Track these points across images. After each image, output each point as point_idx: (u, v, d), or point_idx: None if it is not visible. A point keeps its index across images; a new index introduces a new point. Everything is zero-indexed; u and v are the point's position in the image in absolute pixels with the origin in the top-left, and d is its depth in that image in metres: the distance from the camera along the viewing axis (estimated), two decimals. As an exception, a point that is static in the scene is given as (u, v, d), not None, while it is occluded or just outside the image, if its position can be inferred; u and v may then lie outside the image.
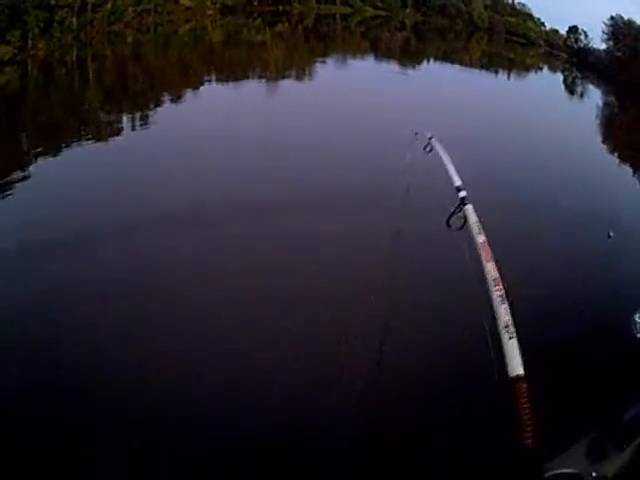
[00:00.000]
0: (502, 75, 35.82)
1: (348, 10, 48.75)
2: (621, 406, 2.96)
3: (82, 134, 10.75)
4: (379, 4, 53.58)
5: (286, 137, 11.39)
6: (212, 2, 28.98)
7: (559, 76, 41.98)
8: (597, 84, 38.13)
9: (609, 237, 8.06)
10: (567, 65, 47.08)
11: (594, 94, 34.21)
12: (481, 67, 36.70)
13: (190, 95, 15.15)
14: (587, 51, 47.57)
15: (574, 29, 50.09)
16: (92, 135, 10.71)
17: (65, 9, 19.05)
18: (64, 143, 10.10)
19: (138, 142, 10.85)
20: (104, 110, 13.15)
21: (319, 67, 23.32)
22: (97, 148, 10.00)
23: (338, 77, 22.18)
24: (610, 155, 17.91)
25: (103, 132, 11.01)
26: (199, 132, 11.03)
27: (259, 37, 28.28)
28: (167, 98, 14.60)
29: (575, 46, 49.54)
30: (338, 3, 48.94)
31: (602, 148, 18.53)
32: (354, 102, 15.98)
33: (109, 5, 21.74)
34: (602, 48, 44.39)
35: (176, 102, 14.03)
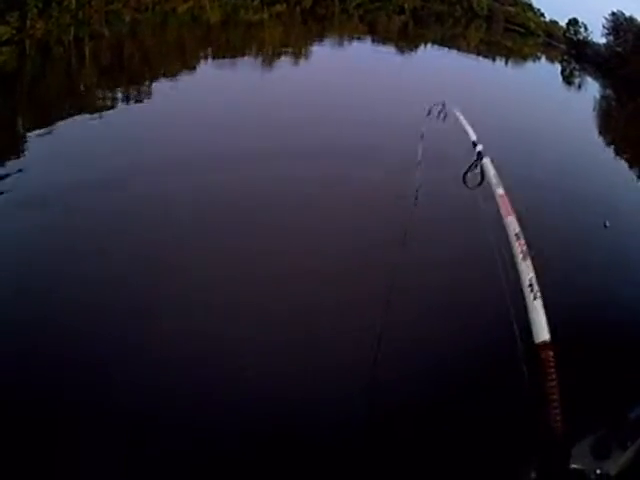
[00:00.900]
0: (500, 63, 35.82)
1: (347, -8, 48.34)
2: (626, 405, 2.97)
3: (76, 110, 10.85)
4: (378, -13, 53.31)
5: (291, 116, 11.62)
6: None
7: (557, 66, 42.00)
8: (595, 77, 38.05)
9: (605, 227, 7.90)
10: (565, 57, 47.01)
11: (592, 86, 34.25)
12: (478, 54, 36.50)
13: (186, 73, 15.21)
14: (586, 44, 47.34)
15: (574, 21, 49.87)
16: (87, 110, 10.83)
17: (64, -12, 19.01)
18: (59, 118, 10.20)
19: (129, 117, 10.88)
20: (99, 87, 13.27)
21: (316, 48, 23.44)
22: (92, 122, 10.13)
23: (334, 58, 22.41)
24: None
25: (98, 107, 11.13)
26: (198, 110, 11.17)
27: (257, 17, 28.28)
28: (162, 76, 14.61)
29: (575, 38, 49.23)
30: (337, -15, 48.61)
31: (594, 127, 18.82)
32: (352, 81, 16.20)
33: (107, -17, 21.63)
34: (602, 42, 44.32)
35: (171, 80, 14.09)
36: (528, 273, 1.80)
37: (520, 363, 1.74)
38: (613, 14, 42.21)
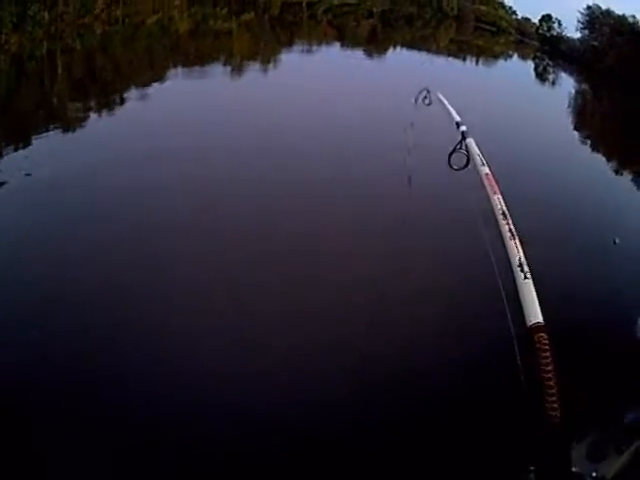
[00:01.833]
0: (470, 62, 36.30)
1: (314, -2, 48.83)
2: (622, 407, 2.99)
3: (49, 123, 11.26)
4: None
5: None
6: (179, -8, 29.38)
7: (530, 64, 42.24)
8: (570, 72, 38.27)
9: (614, 243, 7.60)
10: (538, 53, 47.29)
11: (567, 82, 34.42)
12: (448, 54, 37.07)
13: (155, 85, 15.74)
14: (560, 39, 47.72)
15: (547, 18, 50.48)
16: (59, 123, 11.28)
17: (38, 3, 19.42)
18: (33, 132, 10.61)
19: (101, 127, 11.25)
20: (71, 100, 13.76)
21: (285, 55, 24.08)
22: (65, 136, 10.57)
23: (304, 63, 23.14)
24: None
25: (70, 120, 11.65)
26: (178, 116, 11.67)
27: (225, 26, 28.87)
28: (132, 86, 15.14)
29: (548, 34, 49.72)
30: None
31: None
32: (325, 83, 17.10)
33: (80, -3, 22.07)
34: (576, 37, 44.58)
35: (141, 91, 14.63)
36: (516, 252, 1.72)
37: (512, 348, 1.63)
38: (588, 7, 42.56)
